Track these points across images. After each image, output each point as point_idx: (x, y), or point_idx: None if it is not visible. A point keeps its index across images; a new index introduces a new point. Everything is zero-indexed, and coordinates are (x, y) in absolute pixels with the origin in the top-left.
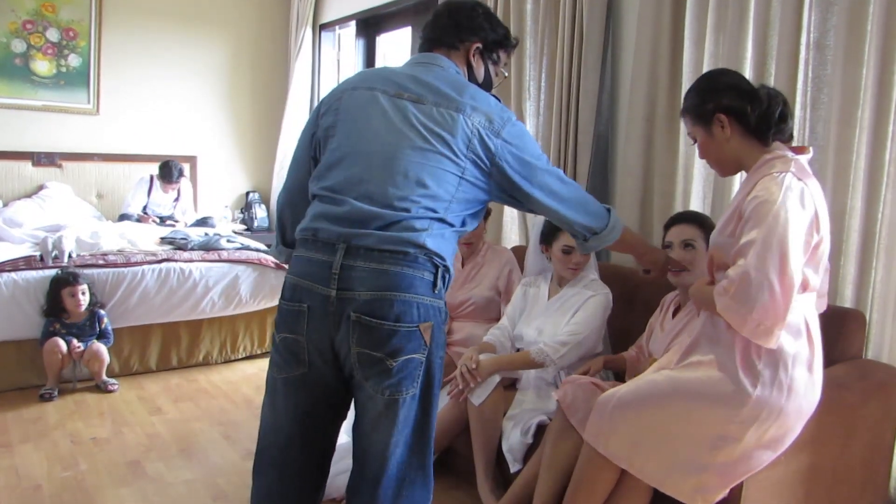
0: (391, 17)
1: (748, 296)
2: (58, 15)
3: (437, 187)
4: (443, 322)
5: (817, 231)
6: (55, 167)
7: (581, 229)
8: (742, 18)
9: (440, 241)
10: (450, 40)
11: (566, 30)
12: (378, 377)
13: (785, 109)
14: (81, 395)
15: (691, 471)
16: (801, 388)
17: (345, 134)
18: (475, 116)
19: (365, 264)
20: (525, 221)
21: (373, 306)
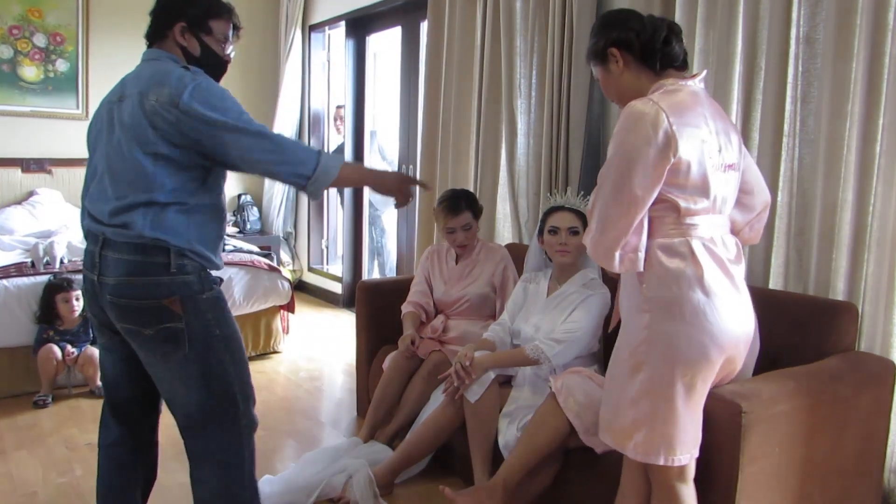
0: (381, 17)
1: (591, 221)
2: (44, 20)
3: (136, 174)
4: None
5: (674, 154)
6: (45, 173)
7: (292, 178)
8: (731, 13)
9: (161, 226)
10: (159, 32)
11: (556, 27)
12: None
13: (670, 34)
14: (76, 401)
15: (626, 422)
16: (702, 309)
17: (93, 149)
18: (152, 94)
19: (112, 254)
20: (517, 218)
21: (120, 289)
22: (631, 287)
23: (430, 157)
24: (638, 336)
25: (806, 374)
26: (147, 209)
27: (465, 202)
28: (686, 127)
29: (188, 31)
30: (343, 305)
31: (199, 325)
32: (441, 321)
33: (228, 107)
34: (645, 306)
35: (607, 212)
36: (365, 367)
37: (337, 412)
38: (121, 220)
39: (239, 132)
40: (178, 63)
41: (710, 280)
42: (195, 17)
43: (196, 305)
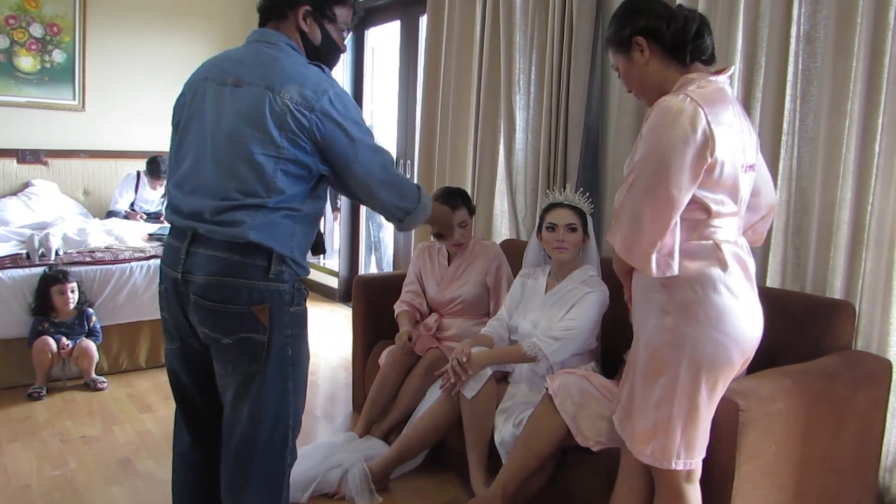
0: (380, 11)
1: (622, 221)
2: (41, 10)
3: (252, 174)
4: (288, 304)
5: (711, 153)
6: (41, 164)
7: (395, 210)
8: (732, 10)
9: (269, 230)
10: (278, 9)
11: (556, 23)
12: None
13: (702, 27)
14: (70, 393)
15: (646, 427)
16: (726, 312)
17: (185, 129)
18: (285, 93)
19: (204, 251)
20: (515, 214)
21: (208, 290)
22: (650, 289)
23: (429, 152)
24: (660, 339)
25: (803, 373)
26: (256, 210)
27: (460, 199)
28: (721, 125)
29: (311, 16)
30: (339, 300)
31: (279, 342)
32: (435, 319)
33: (362, 122)
34: (668, 309)
35: (641, 212)
36: (361, 363)
37: (333, 407)
38: (224, 218)
39: (371, 150)
40: (299, 52)
41: (733, 282)
42: (320, 2)
43: (282, 319)
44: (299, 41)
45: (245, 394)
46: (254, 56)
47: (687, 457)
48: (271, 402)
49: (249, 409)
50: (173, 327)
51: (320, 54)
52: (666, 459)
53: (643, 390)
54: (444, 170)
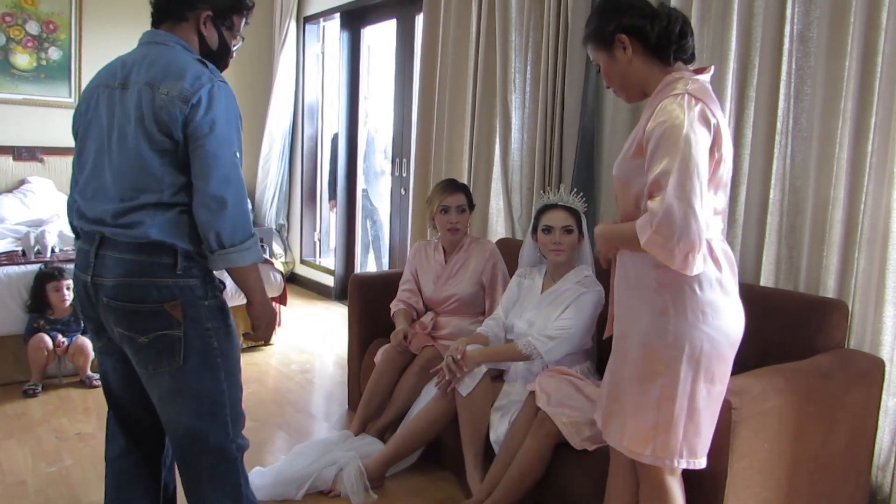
0: (376, 10)
1: (674, 227)
2: (37, 7)
3: (142, 172)
4: (201, 297)
5: (718, 149)
6: (36, 161)
7: (210, 233)
8: (726, 10)
9: (169, 227)
10: (177, 11)
11: (551, 22)
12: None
13: (685, 27)
14: (66, 390)
15: (645, 427)
16: (720, 309)
17: (84, 138)
18: (164, 87)
19: (111, 254)
20: (511, 213)
21: (118, 291)
22: (642, 289)
23: (425, 150)
24: (657, 339)
25: (796, 371)
26: (155, 209)
27: (461, 186)
28: (721, 122)
29: (211, 21)
30: (335, 298)
31: (197, 336)
32: (430, 318)
33: (231, 125)
34: (665, 309)
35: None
36: (357, 361)
37: (328, 405)
38: (126, 220)
39: (229, 156)
40: (191, 53)
41: (726, 280)
42: (222, 10)
43: (197, 313)
44: (196, 43)
45: (175, 391)
46: (142, 57)
47: (690, 456)
48: (205, 394)
49: (185, 405)
50: (93, 328)
51: (215, 57)
52: (668, 458)
53: (639, 390)
54: (440, 168)
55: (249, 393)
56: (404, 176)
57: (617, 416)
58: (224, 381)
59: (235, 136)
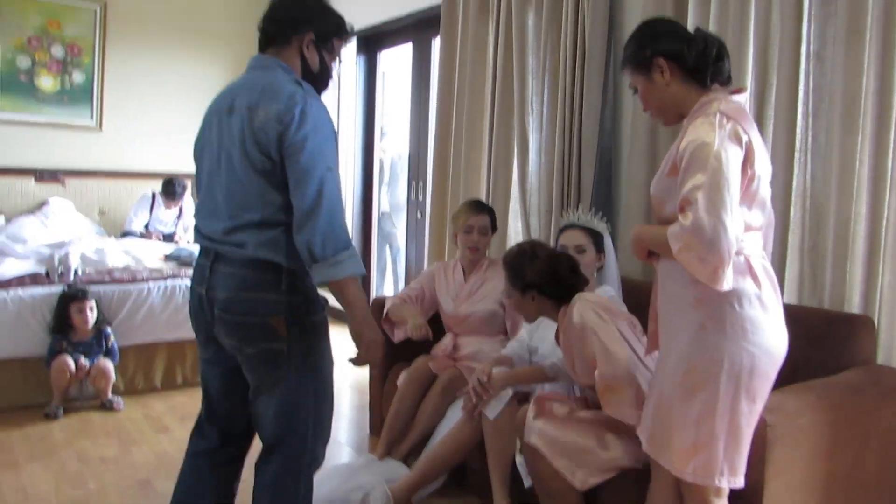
0: (392, 34)
1: (703, 240)
2: (63, 31)
3: (246, 192)
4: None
5: (751, 166)
6: (57, 183)
7: (305, 246)
8: (742, 31)
9: (272, 246)
10: (282, 36)
11: (568, 45)
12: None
13: (721, 50)
14: (87, 413)
15: (686, 444)
16: (760, 325)
17: (200, 160)
18: (261, 109)
19: (223, 268)
20: (529, 235)
21: (229, 304)
22: (681, 305)
23: (442, 173)
24: (696, 355)
25: (827, 387)
26: (258, 229)
27: (487, 208)
28: (755, 140)
29: (313, 45)
30: None
31: (298, 351)
32: (450, 339)
33: (323, 140)
34: (704, 324)
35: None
36: (378, 385)
37: (349, 430)
38: (234, 238)
39: (305, 170)
40: (289, 74)
41: (766, 296)
42: (324, 33)
43: (300, 328)
44: (298, 65)
45: (270, 401)
46: (248, 82)
47: (731, 474)
48: (292, 408)
49: (275, 411)
50: (203, 339)
51: (315, 79)
52: (709, 476)
53: (680, 407)
54: (457, 191)
55: None
56: (420, 199)
57: (660, 432)
58: (312, 397)
59: (328, 150)
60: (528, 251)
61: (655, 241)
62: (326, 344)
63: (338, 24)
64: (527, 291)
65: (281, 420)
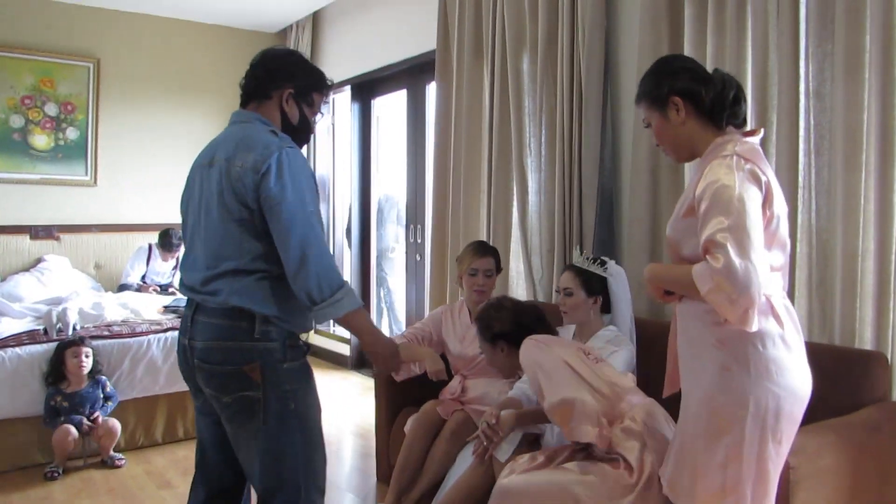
0: (386, 81)
1: (736, 282)
2: (56, 90)
3: (223, 242)
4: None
5: (770, 206)
6: (53, 240)
7: (302, 292)
8: (739, 70)
9: (246, 293)
10: (263, 91)
11: (564, 85)
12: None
13: (739, 93)
14: (87, 472)
15: (713, 488)
16: (785, 366)
17: (186, 213)
18: (238, 160)
19: (203, 318)
20: (531, 275)
21: (205, 353)
22: (703, 346)
23: (441, 216)
24: (720, 397)
25: (846, 426)
26: (233, 277)
27: (491, 250)
28: (771, 180)
29: (293, 99)
30: (351, 367)
31: (276, 398)
32: (458, 382)
33: (303, 186)
34: (728, 365)
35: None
36: (385, 431)
37: (355, 478)
38: (210, 288)
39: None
40: (268, 126)
41: (789, 337)
42: (304, 88)
43: (276, 375)
44: (278, 119)
45: (254, 450)
46: (228, 136)
47: None
48: (278, 455)
49: (260, 465)
50: (193, 388)
51: (296, 132)
52: None
53: (705, 450)
54: (457, 233)
55: None
56: (419, 242)
57: (683, 476)
58: (298, 443)
59: (308, 196)
60: (494, 304)
61: (676, 281)
62: (310, 390)
63: (318, 79)
64: (496, 343)
65: (269, 470)
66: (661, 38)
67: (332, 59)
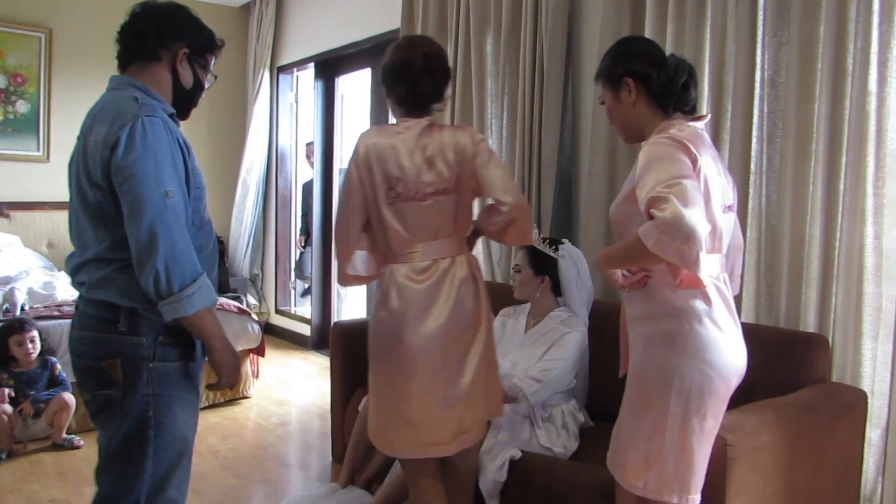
0: (350, 59)
1: (682, 226)
2: (5, 61)
3: (83, 227)
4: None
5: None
6: (3, 217)
7: (148, 284)
8: (697, 56)
9: (106, 284)
10: (149, 51)
11: (527, 68)
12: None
13: (689, 80)
14: (37, 455)
15: (639, 459)
16: (712, 344)
17: None
18: (94, 134)
19: (80, 307)
20: (490, 257)
21: (73, 343)
22: (638, 321)
23: None
24: (648, 371)
25: (784, 406)
26: (97, 265)
27: None
28: (705, 163)
29: (187, 60)
30: (312, 348)
31: (135, 401)
32: None
33: (159, 161)
34: (655, 341)
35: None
36: (340, 411)
37: (311, 457)
38: (78, 278)
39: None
40: (136, 92)
41: (717, 315)
42: (198, 47)
43: (139, 375)
44: (168, 82)
45: (108, 456)
46: (99, 107)
47: (682, 492)
48: (125, 466)
49: (103, 467)
50: None
51: (188, 96)
52: (659, 492)
53: (634, 422)
54: None
55: (229, 448)
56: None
57: (617, 448)
58: (150, 458)
59: (167, 172)
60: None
61: (626, 252)
62: (180, 400)
63: (210, 38)
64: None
65: (108, 479)
66: (623, 22)
67: (295, 36)
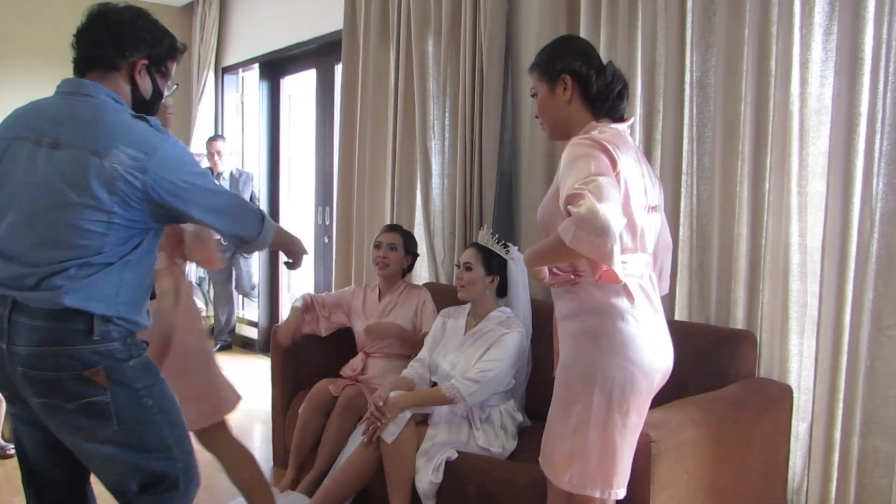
0: (295, 60)
1: (597, 220)
2: None
3: (79, 241)
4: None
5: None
6: None
7: (234, 239)
8: (630, 59)
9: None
10: (109, 59)
11: (467, 70)
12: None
13: (624, 90)
14: None
15: (564, 454)
16: (634, 341)
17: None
18: (113, 157)
19: (24, 320)
20: (434, 257)
21: (33, 360)
22: (564, 317)
23: (347, 197)
24: (573, 367)
25: (710, 401)
26: (79, 269)
27: (400, 229)
28: (625, 163)
29: (146, 70)
30: (259, 351)
31: (128, 398)
32: (360, 360)
33: (197, 170)
34: (579, 337)
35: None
36: (281, 415)
37: None
38: (44, 284)
39: (209, 194)
40: (124, 107)
41: (640, 314)
42: (158, 57)
43: (123, 375)
44: (127, 93)
45: (116, 454)
46: (69, 112)
47: (605, 486)
48: (150, 448)
49: (131, 463)
50: (7, 394)
51: (148, 105)
52: (583, 486)
53: (561, 418)
54: (362, 215)
55: None
56: (328, 224)
57: (546, 443)
58: (166, 429)
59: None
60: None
61: (549, 249)
62: (161, 382)
63: (171, 45)
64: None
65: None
66: (559, 26)
67: (240, 36)
